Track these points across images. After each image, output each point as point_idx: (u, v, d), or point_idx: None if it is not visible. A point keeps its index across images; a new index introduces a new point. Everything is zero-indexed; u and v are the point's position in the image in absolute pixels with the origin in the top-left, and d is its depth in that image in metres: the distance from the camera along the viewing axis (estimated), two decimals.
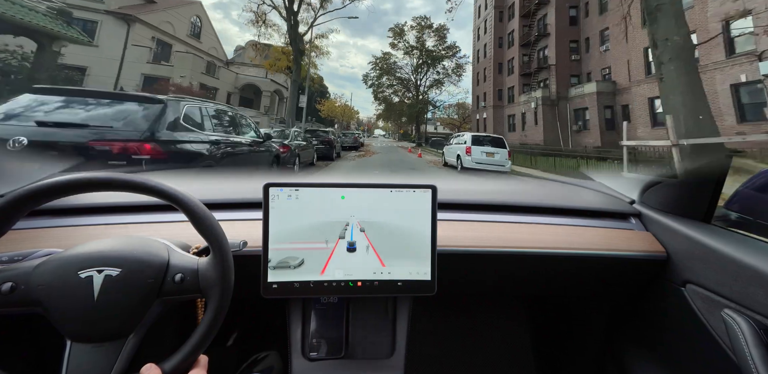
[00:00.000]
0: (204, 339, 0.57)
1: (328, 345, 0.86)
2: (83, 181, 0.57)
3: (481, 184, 1.52)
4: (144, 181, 0.59)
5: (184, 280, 0.59)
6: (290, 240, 0.73)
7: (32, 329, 0.87)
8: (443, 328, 1.37)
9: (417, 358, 1.02)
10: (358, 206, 0.75)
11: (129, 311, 0.56)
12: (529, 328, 1.39)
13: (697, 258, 0.80)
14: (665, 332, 0.91)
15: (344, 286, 0.74)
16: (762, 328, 0.64)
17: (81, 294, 0.54)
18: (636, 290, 0.97)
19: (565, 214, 1.01)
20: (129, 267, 0.57)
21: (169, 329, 0.92)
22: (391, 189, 0.76)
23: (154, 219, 0.86)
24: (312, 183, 0.74)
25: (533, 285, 1.01)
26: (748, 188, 0.95)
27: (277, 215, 0.73)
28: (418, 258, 0.76)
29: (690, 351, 0.83)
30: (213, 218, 0.62)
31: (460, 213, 0.97)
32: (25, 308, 0.55)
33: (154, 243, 0.64)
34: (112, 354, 0.55)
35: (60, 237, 0.79)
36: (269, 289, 0.72)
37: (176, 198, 0.60)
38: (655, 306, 0.93)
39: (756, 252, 0.70)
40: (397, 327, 0.92)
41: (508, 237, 0.89)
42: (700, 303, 0.78)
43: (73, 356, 0.54)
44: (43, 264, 0.56)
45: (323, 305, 0.89)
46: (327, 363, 0.86)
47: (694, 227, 0.84)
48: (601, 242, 0.90)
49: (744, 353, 0.63)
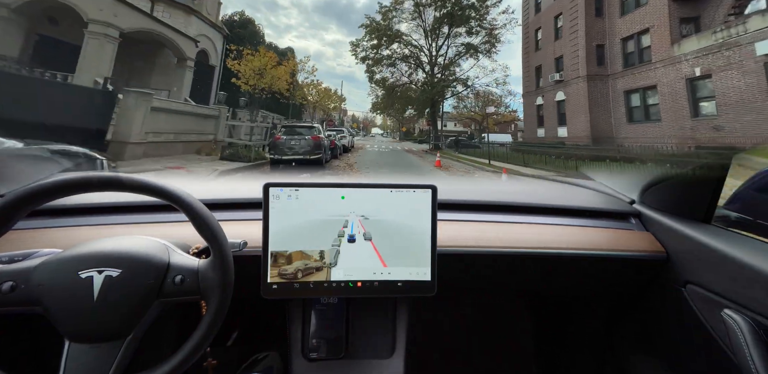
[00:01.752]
0: (203, 341, 0.57)
1: (328, 346, 0.86)
2: (83, 181, 0.57)
3: (481, 184, 1.52)
4: (144, 181, 0.59)
5: (184, 282, 0.59)
6: (290, 240, 0.73)
7: (32, 329, 0.87)
8: (443, 328, 1.37)
9: (417, 358, 1.02)
10: (358, 206, 0.75)
11: (128, 312, 0.56)
12: (529, 327, 1.39)
13: (697, 259, 0.80)
14: (665, 332, 0.91)
15: (344, 287, 0.74)
16: (762, 328, 0.64)
17: (81, 294, 0.54)
18: (636, 290, 0.97)
19: (565, 214, 1.01)
20: (129, 268, 0.57)
21: (169, 330, 0.92)
22: (391, 190, 0.76)
23: (154, 220, 0.86)
24: (312, 183, 0.74)
25: (533, 285, 1.01)
26: (748, 188, 0.95)
27: (277, 215, 0.73)
28: (418, 258, 0.75)
29: (690, 351, 0.83)
30: (213, 218, 0.62)
31: (460, 214, 0.97)
32: (25, 307, 0.55)
33: (155, 244, 0.64)
34: (111, 354, 0.55)
35: (60, 237, 0.79)
36: (269, 289, 0.72)
37: (176, 198, 0.60)
38: (655, 306, 0.93)
39: (756, 252, 0.70)
40: (397, 327, 0.92)
41: (508, 237, 0.89)
42: (700, 303, 0.78)
43: (72, 356, 0.54)
44: (44, 264, 0.56)
45: (323, 305, 0.89)
46: (327, 363, 0.86)
47: (694, 227, 0.84)
48: (601, 242, 0.90)
49: (744, 353, 0.63)
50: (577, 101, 16.95)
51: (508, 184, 1.64)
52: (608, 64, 16.33)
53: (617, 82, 15.80)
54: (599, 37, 16.56)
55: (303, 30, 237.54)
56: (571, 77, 17.46)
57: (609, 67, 16.30)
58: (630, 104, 15.20)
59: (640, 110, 14.65)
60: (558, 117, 18.82)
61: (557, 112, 18.86)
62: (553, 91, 19.23)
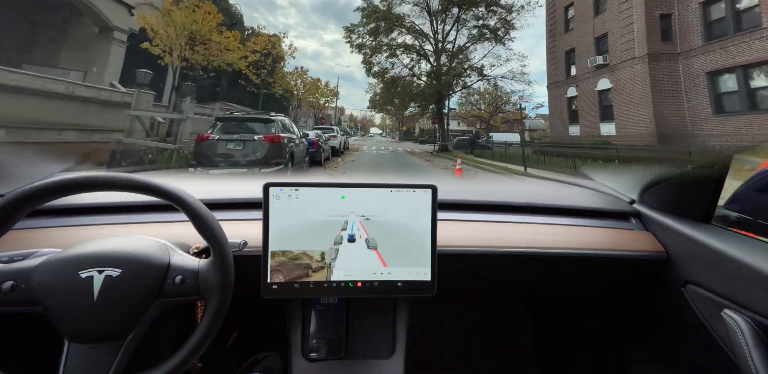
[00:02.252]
0: (202, 342, 0.57)
1: (328, 346, 0.86)
2: (83, 181, 0.57)
3: (481, 184, 1.52)
4: (145, 180, 0.59)
5: (184, 282, 0.59)
6: (290, 240, 0.73)
7: (32, 329, 0.87)
8: (443, 328, 1.37)
9: (417, 358, 1.02)
10: (359, 206, 0.75)
11: (128, 312, 0.56)
12: (529, 327, 1.39)
13: (697, 259, 0.80)
14: (665, 332, 0.91)
15: (344, 287, 0.74)
16: (762, 328, 0.64)
17: (81, 293, 0.54)
18: (636, 290, 0.97)
19: (565, 214, 1.01)
20: (129, 268, 0.57)
21: (169, 330, 0.92)
22: (391, 189, 0.76)
23: (154, 219, 0.86)
24: (312, 182, 0.74)
25: (533, 284, 1.01)
26: (748, 188, 0.95)
27: (277, 215, 0.73)
28: (418, 258, 0.75)
29: (690, 351, 0.83)
30: (213, 218, 0.62)
31: (460, 213, 0.97)
32: (25, 307, 0.55)
33: (155, 244, 0.63)
34: (110, 354, 0.55)
35: (60, 237, 0.79)
36: (269, 290, 0.72)
37: (177, 198, 0.60)
38: (655, 306, 0.93)
39: (756, 252, 0.70)
40: (396, 328, 0.92)
41: (508, 237, 0.89)
42: (700, 304, 0.78)
43: (71, 356, 0.55)
44: (44, 264, 0.56)
45: (323, 305, 0.89)
46: (327, 363, 0.86)
47: (694, 227, 0.84)
48: (601, 242, 0.90)
49: (744, 353, 0.63)
50: (632, 89, 12.97)
51: (508, 184, 1.64)
52: (677, 40, 12.10)
53: (693, 61, 11.56)
54: (663, 3, 12.33)
55: (301, 30, 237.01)
56: (622, 59, 13.47)
57: (679, 43, 12.06)
58: (718, 89, 11.11)
59: (738, 97, 10.46)
60: (601, 110, 14.98)
61: (599, 104, 15.05)
62: (592, 78, 15.32)
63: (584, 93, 16.06)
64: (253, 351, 1.01)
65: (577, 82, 16.63)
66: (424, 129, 49.12)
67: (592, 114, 15.52)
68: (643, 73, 12.52)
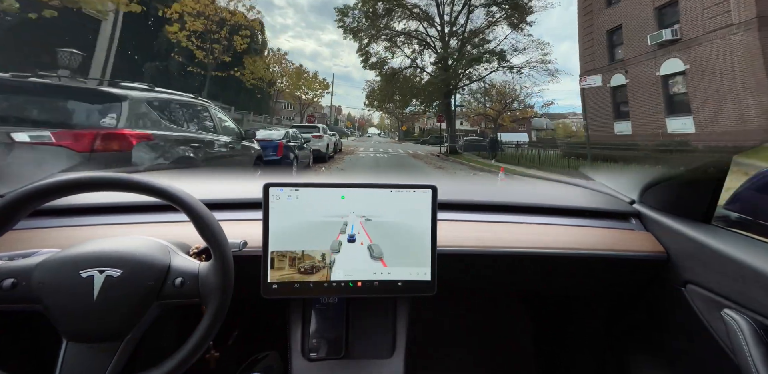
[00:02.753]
0: (201, 343, 0.57)
1: (328, 346, 0.86)
2: (83, 181, 0.57)
3: (481, 184, 1.52)
4: (145, 181, 0.59)
5: (184, 285, 0.59)
6: (290, 240, 0.73)
7: (32, 328, 0.87)
8: (443, 328, 1.37)
9: (417, 358, 1.02)
10: (359, 206, 0.75)
11: (127, 312, 0.56)
12: (529, 327, 1.39)
13: (698, 259, 0.80)
14: (665, 332, 0.91)
15: (344, 287, 0.74)
16: (762, 328, 0.64)
17: (81, 293, 0.54)
18: (636, 290, 0.97)
19: (565, 214, 1.01)
20: (130, 269, 0.57)
21: (168, 331, 0.92)
22: (391, 190, 0.76)
23: (154, 219, 0.86)
24: (312, 183, 0.74)
25: (533, 285, 1.01)
26: (748, 188, 0.95)
27: (277, 215, 0.73)
28: (418, 258, 0.75)
29: (690, 351, 0.83)
30: (213, 218, 0.62)
31: (460, 214, 0.97)
32: (25, 305, 0.55)
33: (156, 245, 0.63)
34: (108, 355, 0.55)
35: (60, 237, 0.79)
36: (269, 289, 0.72)
37: (177, 198, 0.60)
38: (656, 306, 0.93)
39: (756, 252, 0.70)
40: (397, 327, 0.92)
41: (508, 237, 0.89)
42: (700, 304, 0.78)
43: (69, 356, 0.55)
44: (45, 262, 0.56)
45: (323, 305, 0.89)
46: (327, 363, 0.86)
47: (694, 227, 0.84)
48: (601, 242, 0.90)
49: (744, 353, 0.63)
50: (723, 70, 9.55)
51: (508, 184, 1.64)
52: None
53: None
54: None
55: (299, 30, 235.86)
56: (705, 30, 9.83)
57: None
58: None
59: None
60: (667, 101, 11.47)
61: (664, 93, 11.50)
62: (653, 60, 11.67)
63: (638, 80, 12.34)
64: (253, 350, 1.01)
65: (626, 67, 12.89)
66: (424, 129, 47.93)
67: (653, 106, 11.75)
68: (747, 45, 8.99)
